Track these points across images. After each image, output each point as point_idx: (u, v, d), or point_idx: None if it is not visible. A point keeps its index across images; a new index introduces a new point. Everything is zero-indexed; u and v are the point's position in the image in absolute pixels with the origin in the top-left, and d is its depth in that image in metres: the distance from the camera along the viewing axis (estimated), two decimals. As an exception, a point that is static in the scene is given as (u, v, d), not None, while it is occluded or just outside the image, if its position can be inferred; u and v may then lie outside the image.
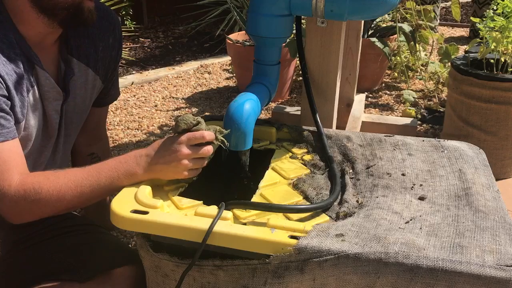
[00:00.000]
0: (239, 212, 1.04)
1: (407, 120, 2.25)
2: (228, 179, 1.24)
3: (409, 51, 3.01)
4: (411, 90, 2.93)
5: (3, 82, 1.08)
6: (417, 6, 2.89)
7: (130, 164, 1.08)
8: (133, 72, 3.59)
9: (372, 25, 3.14)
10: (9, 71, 1.09)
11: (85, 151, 1.51)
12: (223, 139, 1.16)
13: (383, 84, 3.16)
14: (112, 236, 1.59)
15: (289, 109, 2.19)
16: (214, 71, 3.62)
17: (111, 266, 1.20)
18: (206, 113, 2.86)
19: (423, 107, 2.81)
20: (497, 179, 1.36)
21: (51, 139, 1.26)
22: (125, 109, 2.94)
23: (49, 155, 1.29)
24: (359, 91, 2.36)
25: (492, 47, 2.00)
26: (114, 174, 1.07)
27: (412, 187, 1.14)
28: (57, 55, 1.23)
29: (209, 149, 1.12)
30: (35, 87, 1.17)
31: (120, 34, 1.39)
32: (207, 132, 1.12)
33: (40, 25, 1.14)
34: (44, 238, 1.26)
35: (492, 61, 2.02)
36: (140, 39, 4.37)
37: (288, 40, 2.55)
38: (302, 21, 1.68)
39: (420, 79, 3.11)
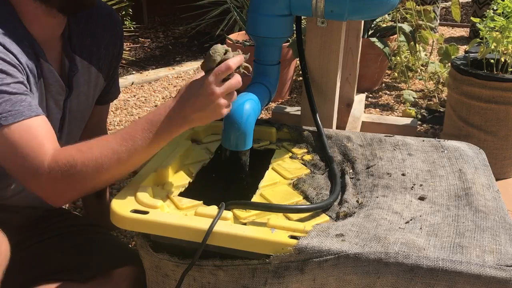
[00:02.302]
0: (239, 212, 1.04)
1: (407, 120, 2.25)
2: (228, 179, 1.24)
3: (409, 51, 3.01)
4: (411, 90, 2.92)
5: (23, 71, 1.06)
6: (417, 6, 2.89)
7: (164, 122, 1.02)
8: (133, 72, 3.59)
9: (372, 25, 3.13)
10: (26, 62, 1.09)
11: None
12: (247, 65, 1.09)
13: (383, 84, 3.16)
14: (113, 236, 1.59)
15: (289, 109, 2.19)
16: (214, 71, 3.62)
17: (112, 266, 1.20)
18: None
19: (423, 107, 2.81)
20: (497, 179, 1.36)
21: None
22: (125, 109, 2.94)
23: None
24: (359, 91, 2.36)
25: (492, 47, 2.00)
26: (149, 135, 1.02)
27: (412, 187, 1.14)
28: (60, 52, 1.23)
29: (238, 80, 1.05)
30: (41, 80, 1.17)
31: (122, 32, 1.39)
32: (232, 61, 1.04)
33: (41, 16, 1.12)
34: (45, 237, 1.26)
35: (492, 61, 2.02)
36: (140, 39, 4.37)
37: (291, 41, 2.55)
38: (302, 21, 1.68)
39: (420, 79, 3.11)
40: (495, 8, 2.00)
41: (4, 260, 0.98)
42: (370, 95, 3.00)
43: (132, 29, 3.99)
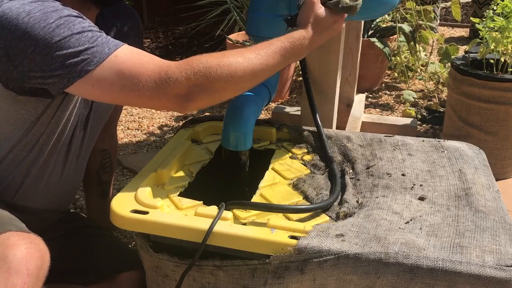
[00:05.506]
0: (239, 212, 1.04)
1: (407, 120, 2.25)
2: (228, 179, 1.24)
3: (409, 51, 3.01)
4: (411, 90, 2.92)
5: None
6: (417, 6, 2.89)
7: (296, 49, 1.11)
8: (133, 72, 3.59)
9: (372, 25, 3.13)
10: None
11: (98, 147, 1.51)
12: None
13: (383, 84, 3.16)
14: (119, 240, 1.59)
15: (289, 109, 2.19)
16: (214, 71, 3.61)
17: (116, 270, 1.20)
18: (206, 113, 2.86)
19: (423, 107, 2.81)
20: (497, 179, 1.36)
21: (80, 132, 1.26)
22: (125, 109, 2.94)
23: (77, 150, 1.27)
24: (359, 91, 2.36)
25: (492, 47, 2.00)
26: (280, 59, 1.09)
27: (412, 187, 1.14)
28: None
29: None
30: None
31: (143, 32, 1.42)
32: None
33: (76, 9, 1.12)
34: (51, 238, 1.26)
35: (492, 61, 2.02)
36: (140, 39, 4.37)
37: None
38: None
39: (420, 79, 3.11)
40: (495, 8, 2.00)
41: (46, 270, 0.97)
42: (370, 95, 3.00)
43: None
